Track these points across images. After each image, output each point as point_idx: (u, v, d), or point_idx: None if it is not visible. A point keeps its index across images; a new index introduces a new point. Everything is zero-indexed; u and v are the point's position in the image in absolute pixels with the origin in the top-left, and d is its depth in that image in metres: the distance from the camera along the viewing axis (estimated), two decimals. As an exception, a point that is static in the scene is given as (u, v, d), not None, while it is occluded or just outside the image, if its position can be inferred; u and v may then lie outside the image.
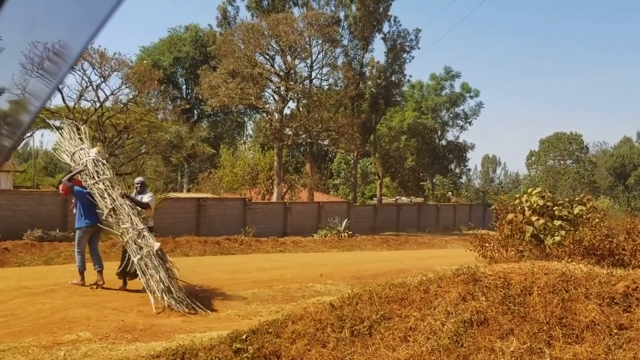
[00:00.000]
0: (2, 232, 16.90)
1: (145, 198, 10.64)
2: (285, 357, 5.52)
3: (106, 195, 10.17)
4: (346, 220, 28.65)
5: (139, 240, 9.78)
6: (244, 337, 5.91)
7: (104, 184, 10.30)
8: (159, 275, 9.38)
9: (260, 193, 37.19)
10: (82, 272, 10.64)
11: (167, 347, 6.22)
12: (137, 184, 10.98)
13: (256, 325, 6.24)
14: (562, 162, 71.73)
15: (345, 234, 26.88)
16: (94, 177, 10.37)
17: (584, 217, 10.14)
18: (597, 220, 10.03)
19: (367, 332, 5.47)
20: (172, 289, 9.35)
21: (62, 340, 6.96)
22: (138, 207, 10.35)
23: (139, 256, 9.59)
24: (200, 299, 9.93)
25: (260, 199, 35.48)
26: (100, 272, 10.56)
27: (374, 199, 48.36)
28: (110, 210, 10.06)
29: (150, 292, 9.30)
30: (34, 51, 1.62)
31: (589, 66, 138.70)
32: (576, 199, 10.80)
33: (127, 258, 10.04)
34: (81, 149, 10.80)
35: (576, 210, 10.22)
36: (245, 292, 11.00)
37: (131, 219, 10.02)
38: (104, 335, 7.23)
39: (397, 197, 49.54)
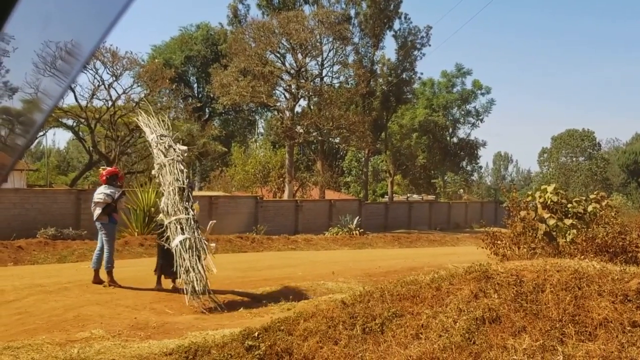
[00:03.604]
0: (16, 231, 17.05)
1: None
2: (297, 355, 5.52)
3: (178, 173, 10.42)
4: (357, 218, 28.64)
5: (192, 225, 9.89)
6: (256, 334, 5.92)
7: (179, 170, 10.52)
8: (193, 265, 9.45)
9: (272, 191, 37.23)
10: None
11: (179, 344, 6.25)
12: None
13: (268, 323, 6.25)
14: (574, 159, 71.32)
15: (357, 231, 26.87)
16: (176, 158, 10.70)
17: (598, 214, 10.08)
18: (610, 217, 9.97)
19: (378, 330, 5.47)
20: (199, 282, 9.41)
21: (76, 337, 7.01)
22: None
23: (182, 237, 9.65)
24: (212, 296, 9.98)
25: (271, 197, 35.51)
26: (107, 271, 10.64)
27: (385, 196, 48.32)
28: (180, 189, 10.23)
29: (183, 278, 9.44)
30: (46, 50, 1.63)
31: (601, 63, 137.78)
32: (591, 196, 10.73)
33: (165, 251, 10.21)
34: (169, 137, 11.11)
35: (590, 208, 10.16)
36: (257, 289, 11.03)
37: (191, 205, 10.26)
38: (117, 333, 7.27)
39: (409, 195, 49.45)
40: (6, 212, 18.27)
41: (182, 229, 9.77)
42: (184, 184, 10.35)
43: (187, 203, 10.16)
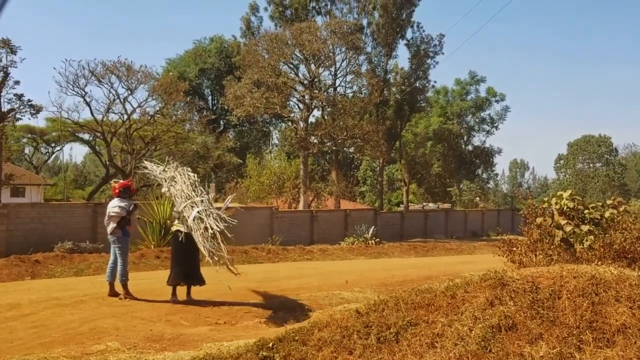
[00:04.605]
0: (34, 245, 17.18)
1: None
2: (311, 365, 5.49)
3: (189, 176, 10.76)
4: (373, 227, 28.55)
5: (206, 204, 10.03)
6: (270, 345, 5.89)
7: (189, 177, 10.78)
8: (213, 224, 9.49)
9: (287, 202, 37.25)
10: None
11: (194, 356, 6.24)
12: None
13: (282, 333, 6.22)
14: (591, 165, 70.78)
15: (373, 241, 26.77)
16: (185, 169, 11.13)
17: (615, 220, 9.95)
18: (628, 223, 9.83)
19: (393, 339, 5.42)
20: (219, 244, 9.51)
21: (91, 350, 7.02)
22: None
23: (197, 209, 9.69)
24: (228, 307, 9.99)
25: (286, 208, 35.52)
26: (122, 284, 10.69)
27: (401, 205, 48.19)
28: (191, 184, 10.48)
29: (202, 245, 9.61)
30: None
31: (617, 68, 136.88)
32: (608, 202, 10.60)
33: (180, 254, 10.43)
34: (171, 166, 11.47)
35: (607, 214, 10.03)
36: (273, 300, 11.01)
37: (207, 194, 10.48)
38: (132, 345, 7.27)
39: (424, 204, 49.26)
40: (24, 226, 18.43)
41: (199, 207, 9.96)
42: (194, 182, 10.59)
43: (200, 192, 10.33)
